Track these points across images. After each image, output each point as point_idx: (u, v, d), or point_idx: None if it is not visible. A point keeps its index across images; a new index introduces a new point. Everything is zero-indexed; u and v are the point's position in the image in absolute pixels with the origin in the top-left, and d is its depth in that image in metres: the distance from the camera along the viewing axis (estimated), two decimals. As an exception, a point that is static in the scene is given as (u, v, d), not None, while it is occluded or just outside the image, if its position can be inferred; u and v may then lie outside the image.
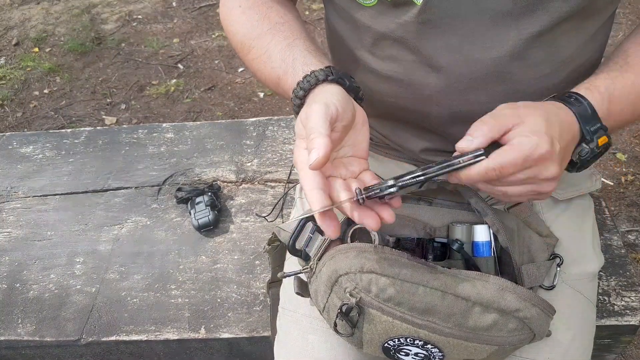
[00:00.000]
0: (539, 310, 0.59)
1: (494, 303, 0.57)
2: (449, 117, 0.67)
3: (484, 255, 0.65)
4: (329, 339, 0.72)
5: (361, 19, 0.64)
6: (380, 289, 0.57)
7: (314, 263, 0.63)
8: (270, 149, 1.33)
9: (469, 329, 0.58)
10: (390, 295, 0.57)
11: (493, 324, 0.58)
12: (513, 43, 0.59)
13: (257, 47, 0.66)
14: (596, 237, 0.81)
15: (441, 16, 0.59)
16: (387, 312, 0.58)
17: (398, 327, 0.59)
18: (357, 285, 0.58)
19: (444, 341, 0.59)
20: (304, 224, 0.66)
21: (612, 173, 1.76)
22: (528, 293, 0.58)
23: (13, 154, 1.38)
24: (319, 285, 0.62)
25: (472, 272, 0.58)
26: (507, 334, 0.59)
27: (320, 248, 0.63)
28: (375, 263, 0.57)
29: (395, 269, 0.57)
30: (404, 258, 0.58)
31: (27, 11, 2.76)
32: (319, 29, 2.44)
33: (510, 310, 0.57)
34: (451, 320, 0.57)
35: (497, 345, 0.59)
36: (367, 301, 0.58)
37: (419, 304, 0.57)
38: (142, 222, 1.19)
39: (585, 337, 0.73)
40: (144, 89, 2.28)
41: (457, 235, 0.65)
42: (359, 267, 0.58)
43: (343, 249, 0.60)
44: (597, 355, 1.08)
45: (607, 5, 0.62)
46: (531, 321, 0.58)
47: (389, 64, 0.65)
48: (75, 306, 1.06)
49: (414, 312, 0.58)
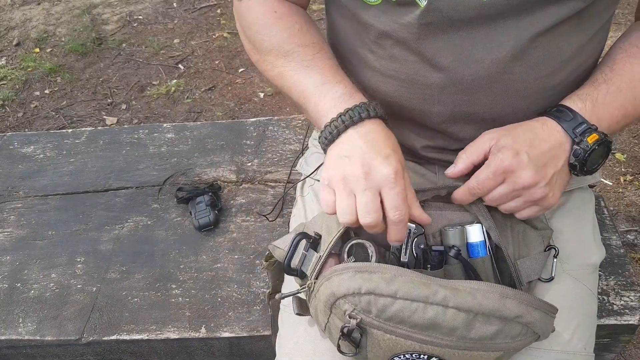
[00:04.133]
0: (541, 313, 0.58)
1: (496, 312, 0.56)
2: (450, 116, 0.68)
3: (480, 255, 0.65)
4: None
5: (365, 17, 0.64)
6: (379, 309, 0.56)
7: (311, 282, 0.61)
8: (271, 149, 1.33)
9: (473, 340, 0.57)
10: (391, 315, 0.56)
11: (497, 332, 0.57)
12: (514, 43, 0.60)
13: (302, 53, 0.67)
14: (597, 230, 0.81)
15: (444, 18, 0.59)
16: (390, 331, 0.57)
17: (402, 344, 0.58)
18: (356, 307, 0.57)
19: (449, 353, 0.58)
20: (297, 241, 0.65)
21: (611, 173, 1.76)
22: (529, 297, 0.58)
23: (14, 154, 1.38)
24: (318, 304, 0.61)
25: (472, 283, 0.58)
26: (511, 340, 0.58)
27: (317, 265, 0.62)
28: (372, 283, 0.56)
29: (393, 287, 0.56)
30: (402, 275, 0.57)
31: (28, 12, 2.77)
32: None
33: (513, 317, 0.57)
34: (455, 334, 0.56)
35: (502, 351, 0.59)
36: (368, 322, 0.57)
37: (420, 320, 0.56)
38: (143, 222, 1.19)
39: (587, 327, 0.73)
40: (144, 89, 2.28)
41: (450, 241, 0.65)
42: (357, 289, 0.56)
43: (339, 270, 0.58)
44: (596, 355, 1.08)
45: (607, 7, 0.63)
46: (534, 325, 0.58)
47: (391, 63, 0.66)
48: (76, 305, 1.06)
49: (417, 329, 0.57)
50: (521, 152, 0.60)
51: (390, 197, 0.57)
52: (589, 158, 0.62)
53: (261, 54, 0.71)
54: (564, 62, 0.63)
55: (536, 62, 0.62)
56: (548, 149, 0.61)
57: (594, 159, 0.62)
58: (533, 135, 0.62)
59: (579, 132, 0.62)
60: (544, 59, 0.62)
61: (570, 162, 0.63)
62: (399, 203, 0.57)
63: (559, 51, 0.62)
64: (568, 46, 0.62)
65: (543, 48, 0.61)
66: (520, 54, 0.61)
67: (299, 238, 0.65)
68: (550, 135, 0.62)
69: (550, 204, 0.63)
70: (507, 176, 0.61)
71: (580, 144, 0.61)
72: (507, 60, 0.61)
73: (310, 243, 0.64)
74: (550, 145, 0.62)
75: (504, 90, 0.64)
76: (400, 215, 0.57)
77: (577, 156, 0.62)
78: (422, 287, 0.56)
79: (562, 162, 0.62)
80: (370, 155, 0.58)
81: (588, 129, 0.61)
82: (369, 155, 0.58)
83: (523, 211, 0.64)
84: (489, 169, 0.61)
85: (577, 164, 0.62)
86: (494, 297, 0.56)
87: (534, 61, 0.62)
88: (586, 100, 0.63)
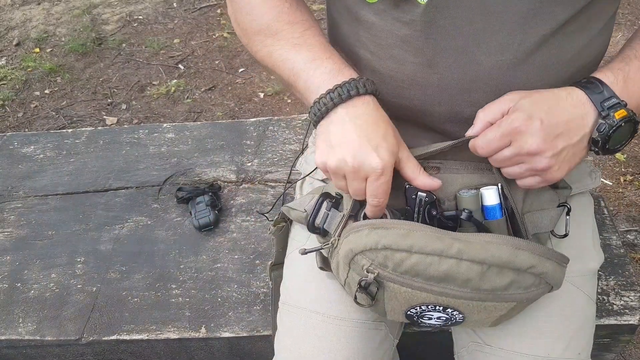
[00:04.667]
0: (553, 263, 0.60)
1: (509, 263, 0.58)
2: (450, 117, 0.67)
3: (496, 217, 0.65)
4: (328, 334, 0.72)
5: (365, 16, 0.64)
6: (396, 263, 0.59)
7: (335, 239, 0.64)
8: (271, 149, 1.33)
9: (487, 291, 0.59)
10: (407, 269, 0.59)
11: (510, 283, 0.59)
12: (518, 47, 0.59)
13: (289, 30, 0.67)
14: (596, 235, 0.81)
15: (446, 17, 0.59)
16: (406, 284, 0.60)
17: (418, 296, 0.61)
18: (373, 262, 0.60)
19: (464, 304, 0.61)
20: (321, 202, 0.68)
21: (611, 173, 1.76)
22: (541, 248, 0.59)
23: (14, 154, 1.38)
24: (339, 261, 0.64)
25: (485, 235, 0.59)
26: (524, 291, 0.60)
27: (340, 223, 0.65)
28: (388, 238, 0.59)
29: (408, 241, 0.58)
30: (417, 230, 0.59)
31: (28, 12, 2.77)
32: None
33: (526, 267, 0.58)
34: (469, 285, 0.59)
35: (515, 302, 0.61)
36: (384, 275, 0.60)
37: (435, 273, 0.58)
38: (143, 222, 1.19)
39: (584, 334, 0.74)
40: (144, 89, 2.28)
41: (465, 205, 0.65)
42: (373, 244, 0.59)
43: (356, 227, 0.61)
44: (596, 355, 1.08)
45: (608, 5, 0.62)
46: (547, 275, 0.59)
47: (392, 64, 0.65)
48: (76, 305, 1.06)
49: (432, 281, 0.59)
50: (535, 117, 0.57)
51: (372, 187, 0.60)
52: (613, 135, 0.59)
53: (251, 35, 0.71)
54: (567, 64, 0.63)
55: (539, 65, 0.61)
56: (566, 120, 0.58)
57: (618, 137, 0.59)
58: (554, 102, 0.59)
59: (607, 105, 0.58)
60: (547, 61, 0.61)
61: (593, 137, 0.60)
62: (378, 193, 0.60)
63: (562, 52, 0.61)
64: (571, 47, 0.61)
65: (547, 50, 0.60)
66: (524, 58, 0.60)
67: (322, 199, 0.68)
68: (574, 106, 0.59)
69: (553, 178, 0.61)
70: (513, 139, 0.58)
71: (607, 119, 0.58)
72: (511, 63, 0.60)
73: (333, 203, 0.68)
74: (569, 116, 0.58)
75: (505, 92, 0.63)
76: (377, 203, 0.61)
77: (601, 131, 0.58)
78: (436, 241, 0.58)
79: (579, 136, 0.59)
80: (360, 148, 0.59)
81: (617, 103, 0.58)
82: (359, 147, 0.59)
83: (525, 179, 0.62)
84: (498, 129, 0.59)
85: (600, 139, 0.59)
86: (507, 249, 0.58)
87: (538, 64, 0.61)
88: (618, 75, 0.60)
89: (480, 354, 0.74)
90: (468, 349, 0.76)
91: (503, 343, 0.72)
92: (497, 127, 0.59)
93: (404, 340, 0.85)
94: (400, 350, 0.86)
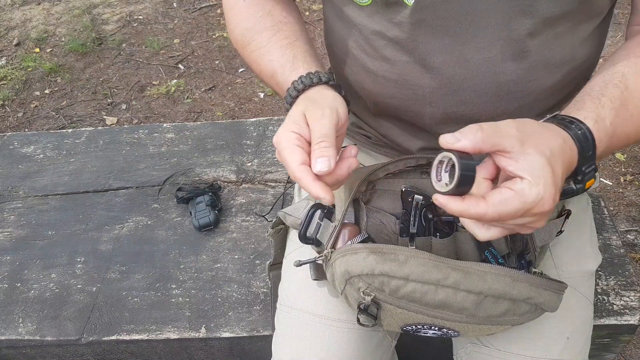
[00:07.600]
0: (550, 292, 0.60)
1: (505, 295, 0.58)
2: (442, 117, 0.68)
3: None
4: (325, 335, 0.72)
5: (357, 18, 0.65)
6: (392, 289, 0.59)
7: (328, 251, 0.64)
8: (271, 149, 1.33)
9: (482, 318, 0.60)
10: (403, 295, 0.59)
11: (506, 311, 0.59)
12: (504, 44, 0.59)
13: (258, 41, 0.69)
14: (594, 236, 0.81)
15: (433, 17, 0.59)
16: (402, 307, 0.60)
17: (414, 317, 0.61)
18: (369, 285, 0.60)
19: (459, 326, 0.61)
20: (313, 212, 0.68)
21: (611, 173, 1.76)
22: (539, 280, 0.59)
23: (14, 154, 1.38)
24: (335, 274, 0.64)
25: (483, 265, 0.59)
26: (519, 317, 0.61)
27: (332, 234, 0.65)
28: (385, 266, 0.58)
29: (405, 270, 0.58)
30: (414, 257, 0.59)
31: (28, 11, 2.77)
32: (319, 30, 2.44)
33: (522, 298, 0.59)
34: (464, 313, 0.59)
35: (509, 325, 0.62)
36: (381, 298, 0.60)
37: (432, 301, 0.59)
38: (143, 222, 1.19)
39: (582, 335, 0.74)
40: (144, 89, 2.28)
41: None
42: (370, 270, 0.59)
43: (354, 249, 0.61)
44: (596, 355, 1.08)
45: (601, 8, 0.62)
46: (543, 304, 0.60)
47: (384, 64, 0.66)
48: (76, 305, 1.06)
49: (428, 307, 0.60)
50: (557, 193, 0.47)
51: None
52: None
53: (237, 46, 0.74)
54: (558, 65, 0.63)
55: (529, 64, 0.61)
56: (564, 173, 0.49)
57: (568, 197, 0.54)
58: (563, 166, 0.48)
59: (586, 171, 0.52)
60: (536, 60, 0.61)
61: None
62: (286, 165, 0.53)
63: (552, 53, 0.61)
64: (561, 48, 0.61)
65: (535, 49, 0.60)
66: (511, 55, 0.60)
67: (314, 209, 0.67)
68: (570, 167, 0.51)
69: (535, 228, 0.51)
70: (533, 215, 0.46)
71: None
72: (499, 60, 0.61)
73: (325, 213, 0.67)
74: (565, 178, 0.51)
75: (496, 92, 0.63)
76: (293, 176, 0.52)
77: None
78: (433, 271, 0.58)
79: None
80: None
81: (593, 170, 0.52)
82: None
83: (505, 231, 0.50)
84: (522, 205, 0.45)
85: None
86: (505, 281, 0.58)
87: (527, 63, 0.61)
88: (608, 130, 0.53)
89: (478, 355, 0.74)
90: (466, 350, 0.77)
91: (501, 344, 0.72)
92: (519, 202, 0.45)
93: (402, 340, 0.85)
94: (399, 351, 0.86)
